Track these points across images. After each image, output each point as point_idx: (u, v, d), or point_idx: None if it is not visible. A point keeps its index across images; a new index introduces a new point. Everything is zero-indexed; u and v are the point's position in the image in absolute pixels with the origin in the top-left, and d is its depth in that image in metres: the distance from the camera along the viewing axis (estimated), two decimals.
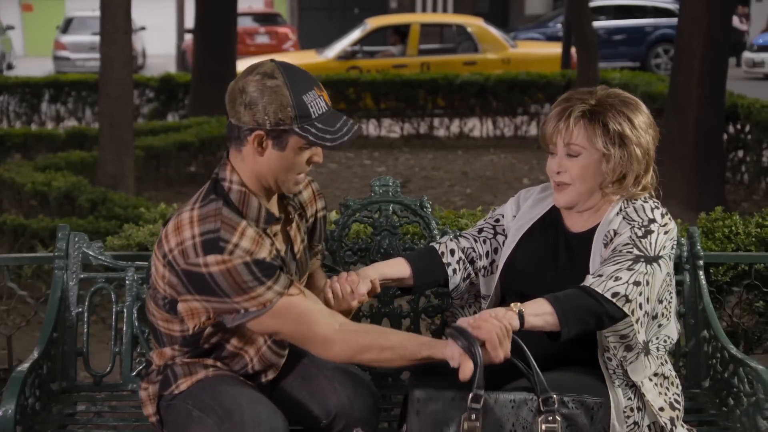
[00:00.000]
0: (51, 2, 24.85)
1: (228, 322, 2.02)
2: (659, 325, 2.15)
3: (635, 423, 2.12)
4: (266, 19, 20.02)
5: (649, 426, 2.15)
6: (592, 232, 2.18)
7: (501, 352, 1.89)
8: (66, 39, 18.54)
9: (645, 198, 2.18)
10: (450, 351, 1.91)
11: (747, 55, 17.06)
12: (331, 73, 10.78)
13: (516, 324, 1.93)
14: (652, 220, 2.11)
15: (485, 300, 2.32)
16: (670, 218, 2.17)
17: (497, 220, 2.36)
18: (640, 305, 2.03)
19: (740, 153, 7.44)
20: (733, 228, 3.12)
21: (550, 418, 1.89)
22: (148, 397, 2.20)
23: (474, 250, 2.31)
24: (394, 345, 2.00)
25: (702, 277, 2.64)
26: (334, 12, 24.09)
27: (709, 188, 6.46)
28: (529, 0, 23.72)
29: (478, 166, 8.85)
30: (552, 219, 2.27)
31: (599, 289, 2.00)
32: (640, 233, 2.08)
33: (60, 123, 10.47)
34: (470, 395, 1.87)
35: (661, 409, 2.14)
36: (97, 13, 6.59)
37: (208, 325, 2.07)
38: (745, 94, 7.69)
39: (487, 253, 2.32)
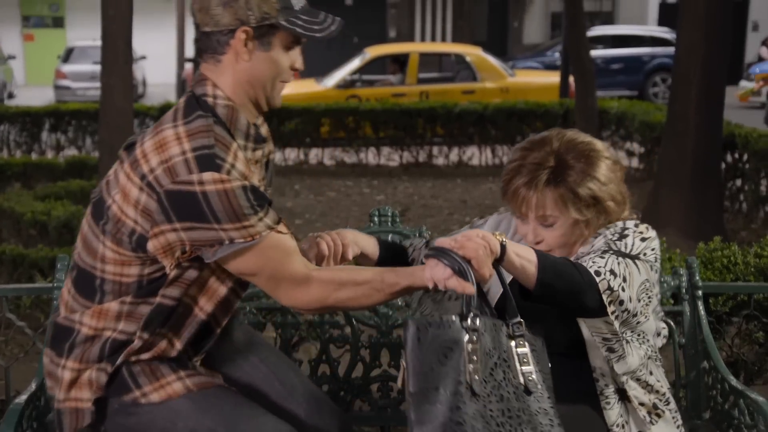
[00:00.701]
0: (52, 32, 25.01)
1: (207, 257, 1.77)
2: (637, 323, 2.05)
3: None
4: None
5: None
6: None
7: (486, 270, 1.79)
8: (67, 68, 18.65)
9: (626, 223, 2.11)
10: (430, 273, 1.78)
11: (743, 84, 17.16)
12: (330, 102, 10.84)
13: (497, 250, 1.81)
14: (626, 228, 2.06)
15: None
16: (648, 228, 2.09)
17: None
18: (619, 297, 1.93)
19: (738, 182, 7.46)
20: (732, 258, 3.13)
21: (521, 342, 1.83)
22: (73, 379, 1.87)
23: None
24: (370, 279, 1.84)
25: (701, 307, 2.63)
26: (333, 41, 24.20)
27: (708, 217, 6.47)
28: (527, 29, 23.90)
29: (476, 195, 8.86)
30: None
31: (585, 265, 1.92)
32: (614, 237, 2.03)
33: (60, 152, 10.50)
34: (470, 316, 1.76)
35: (642, 404, 2.07)
36: (98, 43, 6.65)
37: (182, 263, 1.80)
38: (741, 123, 7.73)
39: None
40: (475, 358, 1.74)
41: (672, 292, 2.65)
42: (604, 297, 1.90)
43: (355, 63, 12.74)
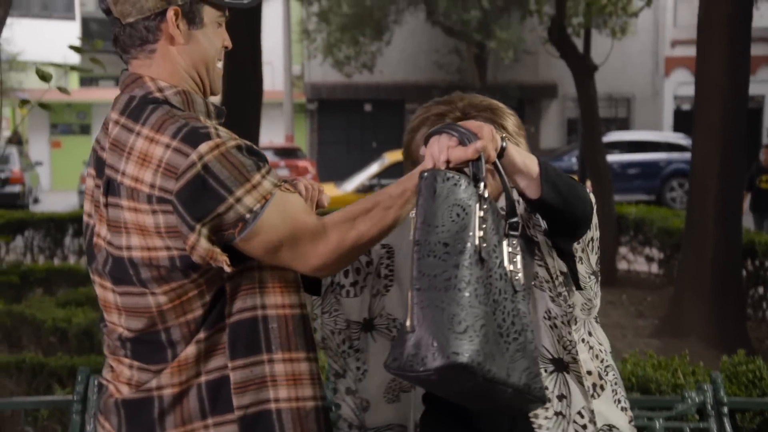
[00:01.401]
0: (79, 138, 25.66)
1: (238, 241, 1.60)
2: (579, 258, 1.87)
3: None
4: (286, 153, 20.53)
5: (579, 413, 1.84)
6: None
7: (493, 152, 1.64)
8: None
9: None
10: (431, 149, 1.63)
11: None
12: None
13: (498, 142, 1.66)
14: None
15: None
16: None
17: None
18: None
19: (760, 289, 7.41)
20: (757, 372, 3.08)
21: (513, 242, 1.67)
22: None
23: None
24: (377, 200, 1.69)
25: (728, 425, 2.59)
26: (352, 146, 24.66)
27: (730, 326, 6.39)
28: (543, 134, 24.25)
29: None
30: None
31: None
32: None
33: (82, 257, 10.61)
34: (480, 183, 1.62)
35: (589, 372, 1.85)
36: None
37: (224, 267, 1.61)
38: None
39: None
40: (484, 226, 1.60)
41: (697, 408, 2.61)
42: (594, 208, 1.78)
43: (374, 168, 12.94)
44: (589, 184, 10.93)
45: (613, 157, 15.74)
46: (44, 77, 2.58)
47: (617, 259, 9.60)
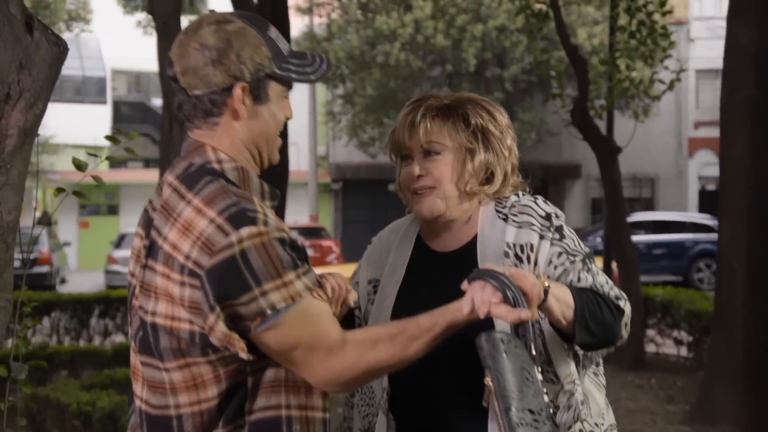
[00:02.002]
0: (107, 219, 26.02)
1: (254, 334, 1.57)
2: None
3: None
4: (311, 233, 20.65)
5: None
6: (471, 246, 1.90)
7: (535, 312, 1.63)
8: (118, 254, 19.23)
9: (516, 194, 1.94)
10: (473, 295, 1.58)
11: None
12: None
13: (541, 296, 1.66)
14: (549, 215, 1.88)
15: None
16: (548, 203, 1.94)
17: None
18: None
19: None
20: None
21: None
22: None
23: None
24: (403, 327, 1.62)
25: None
26: (376, 224, 24.68)
27: (763, 411, 6.24)
28: (567, 214, 24.08)
29: None
30: (420, 251, 1.97)
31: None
32: (556, 236, 1.86)
33: (107, 337, 10.64)
34: (532, 346, 1.63)
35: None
36: None
37: (240, 354, 1.57)
38: None
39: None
40: (541, 384, 1.62)
41: None
42: (626, 321, 1.84)
43: None
44: (614, 265, 10.86)
45: (638, 238, 15.68)
46: (80, 167, 2.66)
47: (645, 342, 9.46)
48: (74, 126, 24.17)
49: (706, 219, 18.64)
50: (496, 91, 18.89)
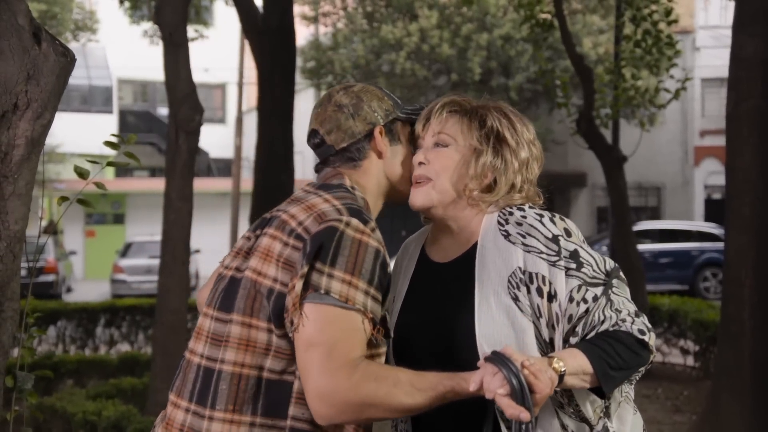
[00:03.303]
0: (113, 228, 26.05)
1: (299, 305, 1.67)
2: None
3: None
4: None
5: None
6: (469, 256, 1.87)
7: (538, 410, 1.63)
8: (124, 263, 19.24)
9: (521, 207, 1.87)
10: (482, 378, 1.61)
11: None
12: None
13: (555, 382, 1.65)
14: (556, 237, 1.82)
15: None
16: (561, 218, 1.89)
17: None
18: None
19: None
20: None
21: None
22: None
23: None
24: (411, 377, 1.67)
25: None
26: (380, 232, 24.74)
27: None
28: (573, 223, 24.18)
29: None
30: (423, 264, 1.98)
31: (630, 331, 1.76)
32: (572, 265, 1.80)
33: (113, 346, 10.65)
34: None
35: None
36: (155, 238, 6.92)
37: (295, 317, 1.67)
38: None
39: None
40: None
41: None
42: (652, 351, 1.82)
43: None
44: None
45: (644, 247, 15.65)
46: (82, 175, 2.66)
47: None
48: (80, 135, 24.21)
49: (712, 228, 18.57)
50: (501, 101, 18.87)
